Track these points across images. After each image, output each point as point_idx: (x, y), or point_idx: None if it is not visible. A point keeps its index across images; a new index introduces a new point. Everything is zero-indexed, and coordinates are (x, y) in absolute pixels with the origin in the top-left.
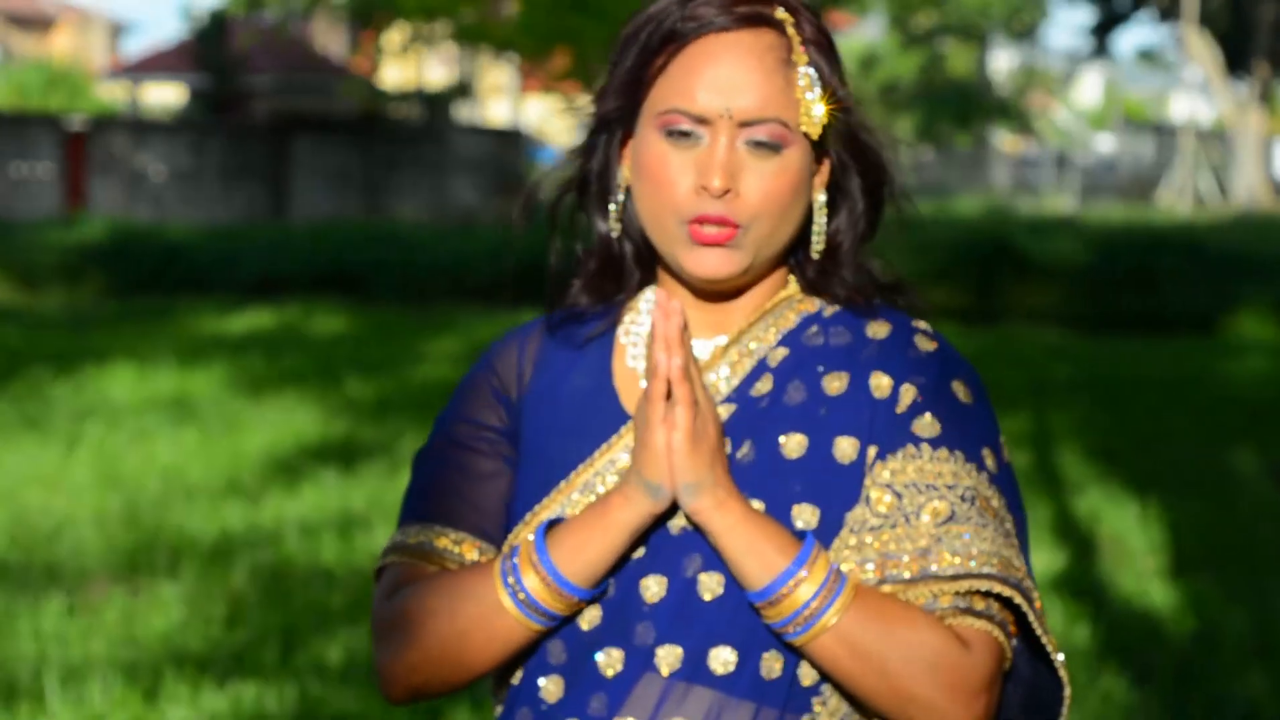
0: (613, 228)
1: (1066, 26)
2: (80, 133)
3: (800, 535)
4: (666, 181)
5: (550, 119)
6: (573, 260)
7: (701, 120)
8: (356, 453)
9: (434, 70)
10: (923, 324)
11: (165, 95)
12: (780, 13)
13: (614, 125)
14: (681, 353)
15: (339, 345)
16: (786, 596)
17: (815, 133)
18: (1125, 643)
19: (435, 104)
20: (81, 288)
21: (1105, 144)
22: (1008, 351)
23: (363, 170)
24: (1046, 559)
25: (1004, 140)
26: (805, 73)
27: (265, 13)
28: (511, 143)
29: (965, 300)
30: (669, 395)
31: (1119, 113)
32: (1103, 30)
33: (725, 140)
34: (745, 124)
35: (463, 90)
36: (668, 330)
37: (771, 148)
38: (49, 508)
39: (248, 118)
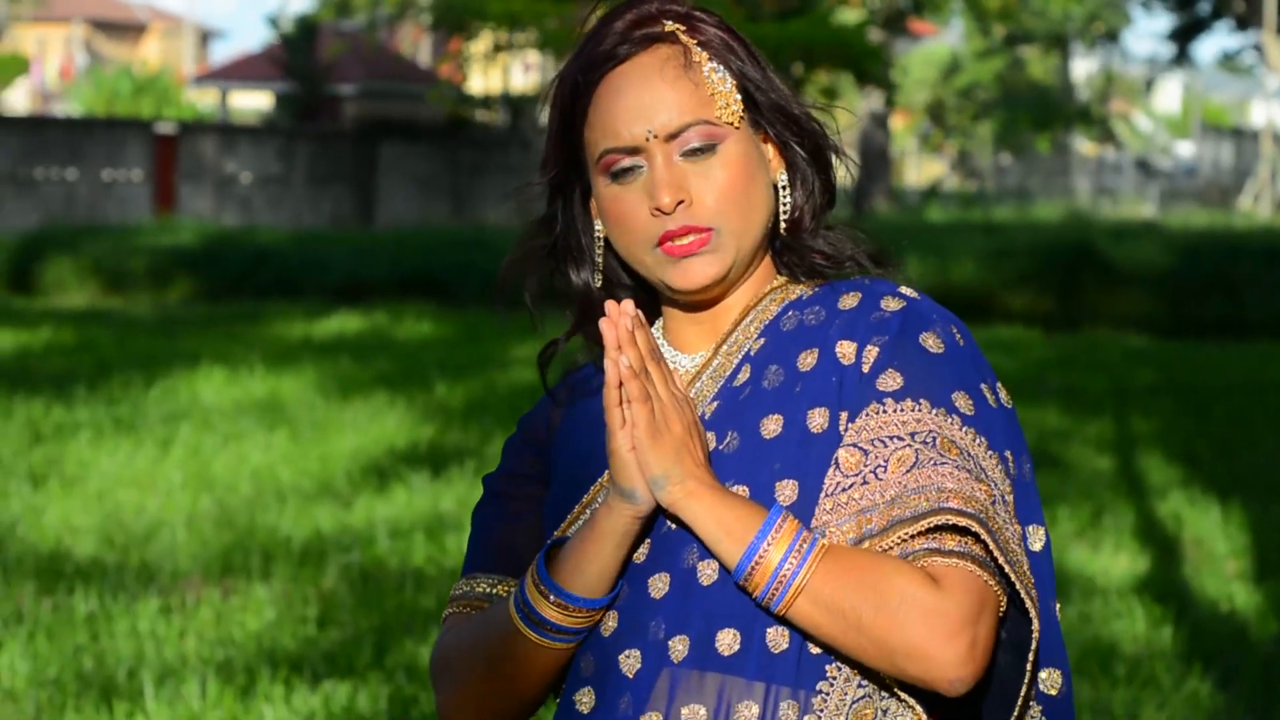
0: (595, 279)
1: (1147, 33)
2: (170, 137)
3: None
4: (626, 217)
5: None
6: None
7: (633, 151)
8: (446, 456)
9: (520, 75)
10: (905, 289)
11: (253, 101)
12: (669, 25)
13: (565, 187)
14: (633, 351)
15: (427, 349)
16: (758, 566)
17: (736, 119)
18: (1209, 646)
19: (520, 109)
20: (171, 291)
21: (1185, 149)
22: (1090, 357)
23: (448, 175)
24: (1130, 563)
25: (1084, 146)
26: (709, 68)
27: (352, 20)
28: None
29: (1047, 306)
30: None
31: (1199, 118)
32: (1183, 36)
33: (661, 159)
34: (671, 137)
35: (547, 96)
36: (618, 334)
37: (706, 149)
38: (142, 509)
39: (335, 123)
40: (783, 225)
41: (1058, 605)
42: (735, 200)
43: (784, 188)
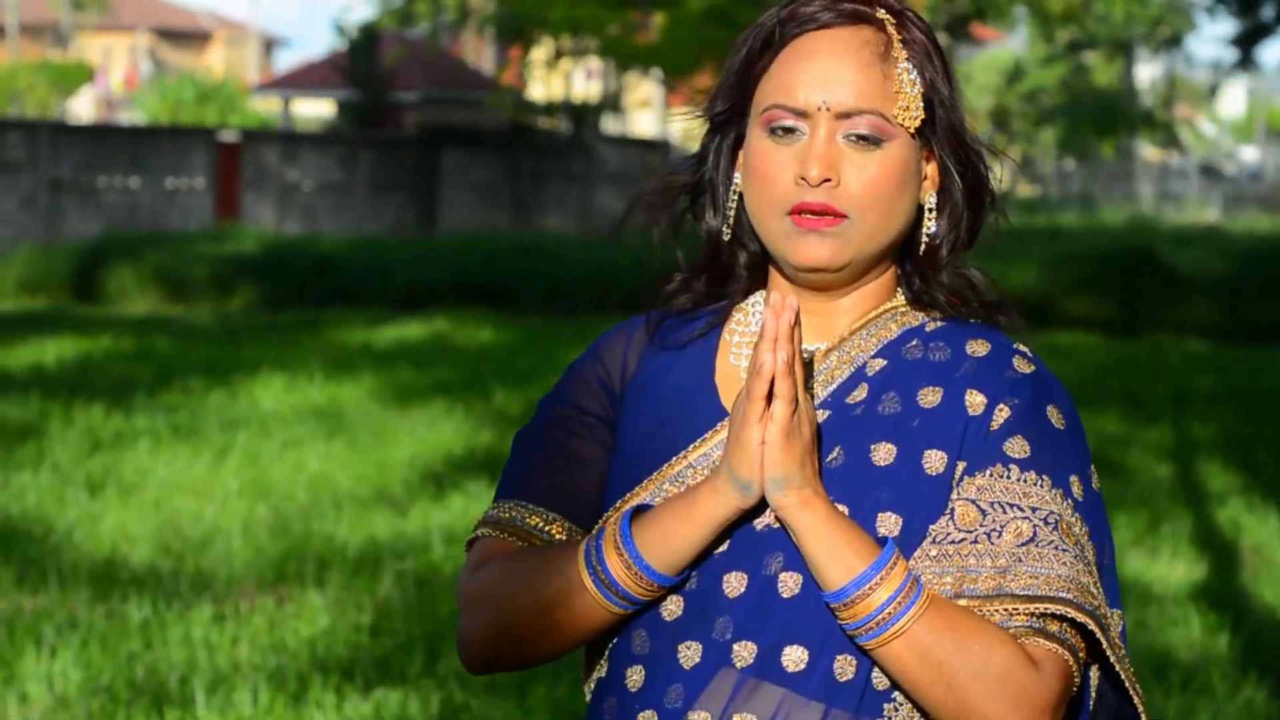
0: (724, 231)
1: (1211, 37)
2: (232, 145)
3: (882, 542)
4: (769, 176)
5: (696, 131)
6: (677, 264)
7: (801, 114)
8: (502, 463)
9: (581, 83)
10: (1023, 346)
11: (316, 109)
12: (881, 13)
13: (724, 128)
14: (788, 348)
15: (487, 356)
16: (862, 599)
17: (912, 125)
18: (1265, 654)
19: (582, 116)
20: (233, 299)
21: (1250, 154)
22: (1150, 362)
23: (510, 182)
24: (1187, 570)
25: (1148, 151)
26: (904, 67)
27: (415, 27)
28: (658, 154)
29: (1108, 311)
30: (770, 394)
31: (1263, 123)
32: (1247, 41)
33: (824, 132)
34: (843, 115)
35: (609, 104)
36: (779, 326)
37: (872, 141)
38: (199, 516)
39: (397, 131)
40: (921, 247)
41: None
42: (880, 200)
43: (930, 210)
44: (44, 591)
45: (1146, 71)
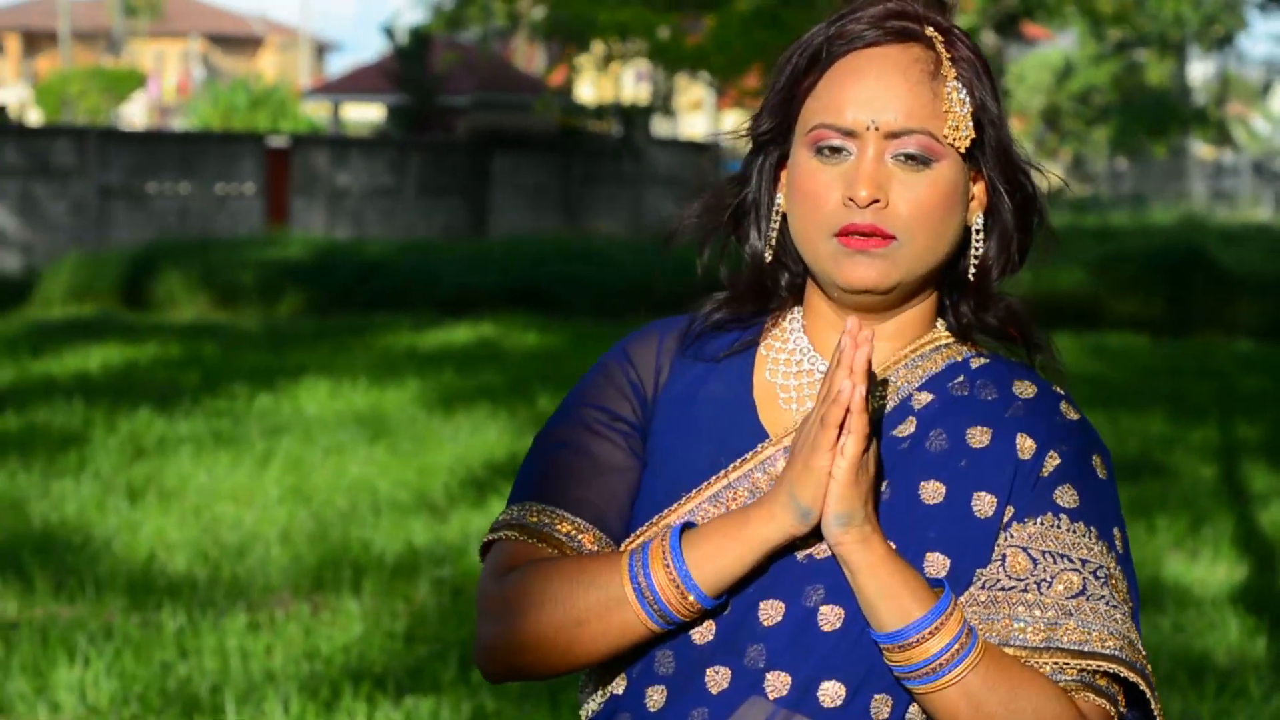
0: (766, 251)
1: (1263, 35)
2: (282, 151)
3: (935, 583)
4: (816, 197)
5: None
6: (717, 279)
7: (849, 134)
8: None
9: (632, 86)
10: (1060, 389)
11: (367, 114)
12: (930, 30)
13: (767, 147)
14: (865, 385)
15: (532, 361)
16: (918, 645)
17: (963, 145)
18: None
19: (632, 119)
20: (281, 304)
21: None
22: (1197, 363)
23: (561, 186)
24: (1228, 572)
25: (1201, 149)
26: (954, 86)
27: (465, 31)
28: (708, 156)
29: (1156, 311)
30: (843, 423)
31: None
32: None
33: (873, 152)
34: (892, 135)
35: (659, 106)
36: (856, 358)
37: (921, 161)
38: (238, 523)
39: (447, 135)
40: (970, 271)
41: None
42: (929, 221)
43: (978, 232)
44: (80, 600)
45: (1199, 69)
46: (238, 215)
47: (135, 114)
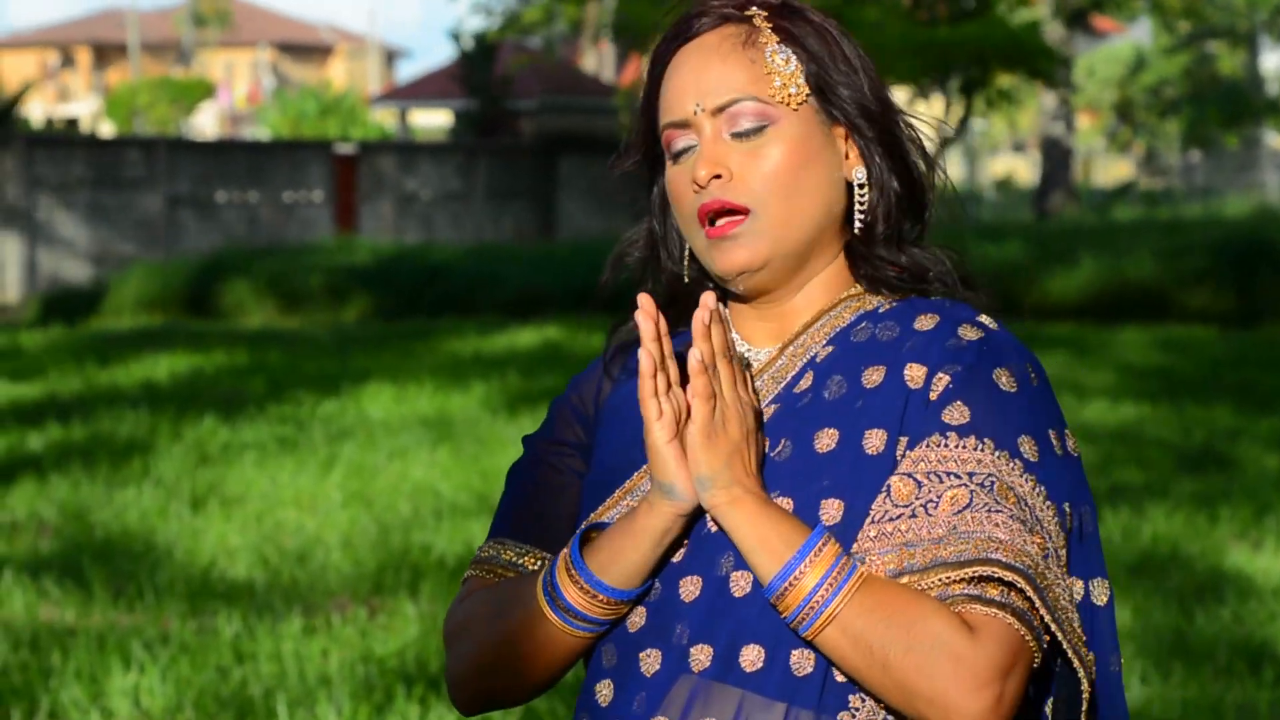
0: (685, 269)
1: None
2: (349, 157)
3: (831, 531)
4: (678, 197)
5: None
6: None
7: (684, 126)
8: None
9: None
10: (984, 318)
11: (435, 119)
12: (752, 10)
13: (651, 174)
14: (705, 346)
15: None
16: (792, 589)
17: (793, 101)
18: None
19: None
20: (347, 310)
21: None
22: (1265, 354)
23: (628, 188)
24: None
25: (1275, 140)
26: (774, 49)
27: (531, 36)
28: None
29: (1225, 303)
30: (669, 389)
31: None
32: None
33: (710, 132)
34: (719, 110)
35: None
36: (695, 324)
37: (755, 129)
38: (300, 528)
39: (514, 139)
40: (856, 227)
41: (1121, 660)
42: (780, 184)
43: (861, 186)
44: (138, 607)
45: (1272, 60)
46: (306, 223)
47: (206, 124)
